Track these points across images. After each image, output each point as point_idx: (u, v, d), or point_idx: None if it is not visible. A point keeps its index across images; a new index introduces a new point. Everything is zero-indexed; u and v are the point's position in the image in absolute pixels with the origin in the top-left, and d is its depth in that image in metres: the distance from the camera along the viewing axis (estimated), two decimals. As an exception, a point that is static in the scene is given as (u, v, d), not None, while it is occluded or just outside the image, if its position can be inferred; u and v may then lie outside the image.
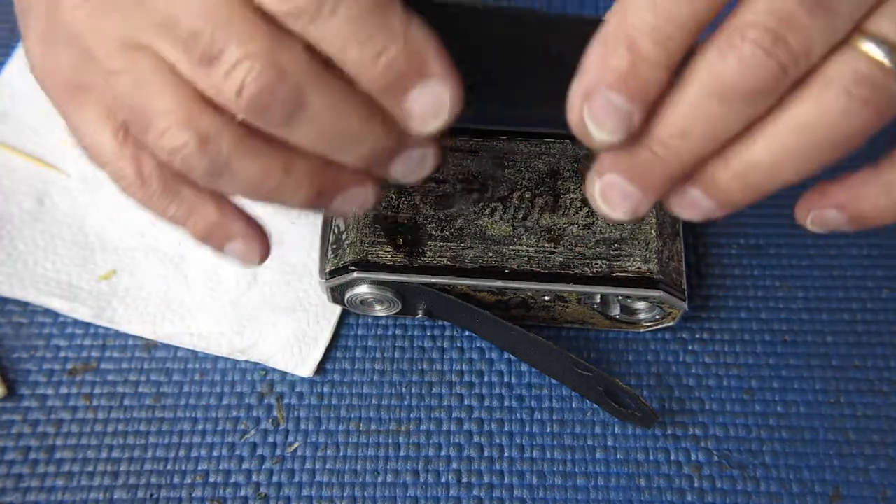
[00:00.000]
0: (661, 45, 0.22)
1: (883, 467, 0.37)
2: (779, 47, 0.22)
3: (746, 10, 0.22)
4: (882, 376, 0.39)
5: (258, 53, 0.24)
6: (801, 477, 0.37)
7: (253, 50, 0.24)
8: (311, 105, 0.25)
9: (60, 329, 0.40)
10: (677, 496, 0.36)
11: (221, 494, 0.36)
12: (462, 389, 0.39)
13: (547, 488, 0.36)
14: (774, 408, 0.38)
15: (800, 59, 0.22)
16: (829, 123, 0.23)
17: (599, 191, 0.26)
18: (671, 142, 0.24)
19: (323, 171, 0.28)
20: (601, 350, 0.39)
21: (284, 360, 0.39)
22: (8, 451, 0.37)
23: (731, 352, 0.39)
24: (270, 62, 0.24)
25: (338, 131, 0.26)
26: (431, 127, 0.26)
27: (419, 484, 0.37)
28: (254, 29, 0.25)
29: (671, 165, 0.24)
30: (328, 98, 0.25)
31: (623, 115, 0.23)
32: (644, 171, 0.25)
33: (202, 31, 0.25)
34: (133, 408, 0.38)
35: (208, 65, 0.25)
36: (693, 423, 0.38)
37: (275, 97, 0.25)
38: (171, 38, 0.25)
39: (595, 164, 0.26)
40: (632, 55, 0.22)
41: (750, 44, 0.22)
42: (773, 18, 0.22)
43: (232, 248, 0.31)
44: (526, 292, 0.36)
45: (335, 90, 0.25)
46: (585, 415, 0.38)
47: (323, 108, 0.25)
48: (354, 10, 0.24)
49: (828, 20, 0.22)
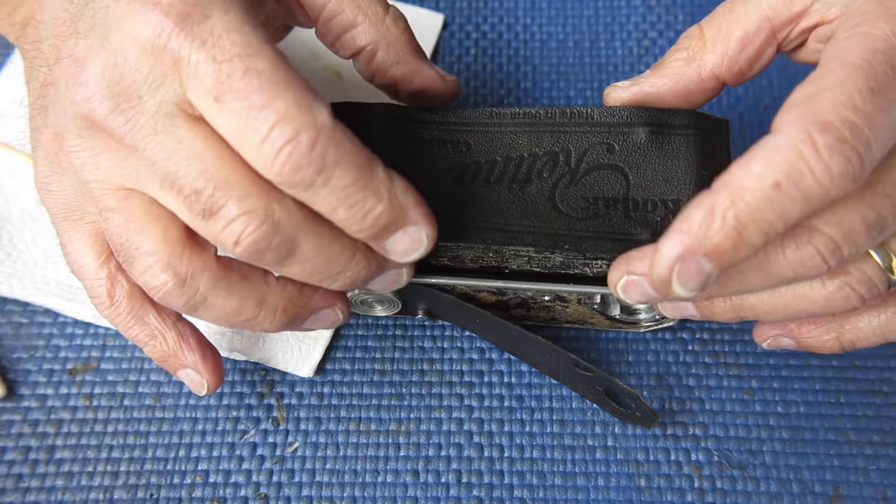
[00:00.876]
0: (765, 237, 0.25)
1: (883, 467, 0.37)
2: (834, 257, 0.25)
3: (820, 220, 0.25)
4: (882, 376, 0.38)
5: (255, 210, 0.27)
6: (802, 477, 0.37)
7: (250, 207, 0.27)
8: (302, 250, 0.28)
9: (60, 329, 0.40)
10: (677, 496, 0.36)
11: (221, 494, 0.36)
12: (462, 389, 0.39)
13: (547, 488, 0.36)
14: (774, 408, 0.38)
15: (843, 264, 0.26)
16: (825, 302, 0.27)
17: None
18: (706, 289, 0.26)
19: (295, 301, 0.31)
20: (601, 350, 0.39)
21: (284, 360, 0.39)
22: (8, 451, 0.37)
23: (731, 352, 0.39)
24: (266, 217, 0.27)
25: (325, 268, 0.29)
26: (410, 259, 0.29)
27: (419, 484, 0.37)
28: (251, 188, 0.27)
29: (694, 299, 0.28)
30: (317, 242, 0.28)
31: (706, 278, 0.25)
32: (667, 286, 0.26)
33: (202, 190, 0.27)
34: (133, 408, 0.38)
35: (208, 218, 0.27)
36: (693, 423, 0.38)
37: (269, 246, 0.27)
38: (171, 192, 0.28)
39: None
40: (737, 237, 0.24)
41: (812, 249, 0.25)
42: (839, 232, 0.25)
43: (183, 376, 0.34)
44: (526, 292, 0.36)
45: (324, 235, 0.28)
46: (585, 415, 0.38)
47: (312, 251, 0.28)
48: (344, 180, 0.26)
49: (874, 240, 0.26)
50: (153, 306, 0.33)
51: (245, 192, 0.27)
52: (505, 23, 0.48)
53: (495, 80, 0.46)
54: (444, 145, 0.33)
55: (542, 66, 0.47)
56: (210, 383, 0.34)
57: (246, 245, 0.27)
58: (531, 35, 0.47)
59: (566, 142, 0.33)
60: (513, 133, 0.33)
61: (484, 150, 0.33)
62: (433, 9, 0.48)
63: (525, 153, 0.33)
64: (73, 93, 0.29)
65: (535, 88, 0.46)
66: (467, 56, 0.47)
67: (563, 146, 0.33)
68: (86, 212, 0.31)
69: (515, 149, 0.33)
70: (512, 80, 0.46)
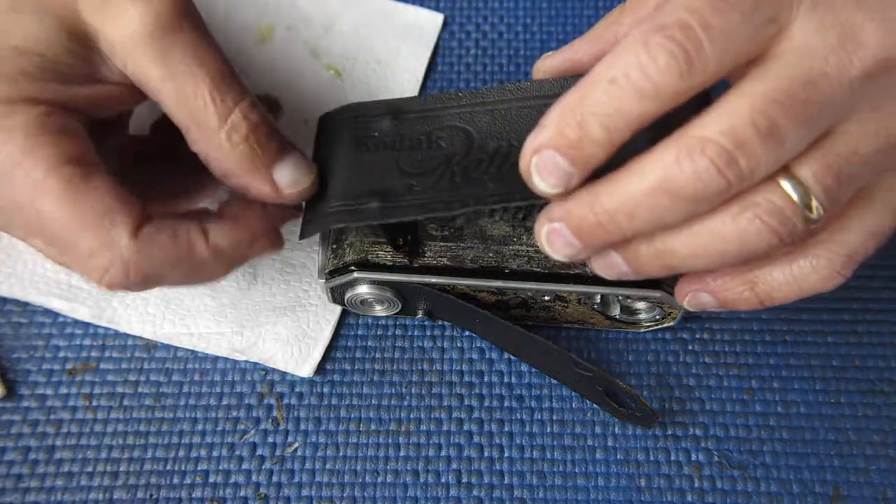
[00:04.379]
0: (606, 132, 0.26)
1: (884, 467, 0.37)
2: (731, 168, 0.25)
3: (707, 125, 0.25)
4: (882, 376, 0.38)
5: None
6: (802, 477, 0.36)
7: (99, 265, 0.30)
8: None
9: (60, 329, 0.40)
10: (677, 496, 0.36)
11: (221, 494, 0.36)
12: (462, 389, 0.39)
13: (547, 488, 0.36)
14: (775, 408, 0.38)
15: (744, 180, 0.25)
16: (739, 238, 0.27)
17: (546, 233, 0.29)
18: (617, 217, 0.27)
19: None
20: (601, 350, 0.39)
21: (284, 361, 0.39)
22: (7, 452, 0.37)
23: (732, 352, 0.39)
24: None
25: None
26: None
27: (419, 484, 0.37)
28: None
29: (612, 235, 0.28)
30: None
31: (564, 175, 0.27)
32: (588, 232, 0.28)
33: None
34: (133, 408, 0.38)
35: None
36: (693, 423, 0.38)
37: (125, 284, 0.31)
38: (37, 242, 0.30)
39: (546, 209, 0.29)
40: (581, 132, 0.26)
41: (706, 160, 0.25)
42: (731, 141, 0.25)
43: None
44: (526, 292, 0.36)
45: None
46: (585, 415, 0.38)
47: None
48: (174, 277, 0.31)
49: (774, 153, 0.25)
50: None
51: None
52: (505, 23, 0.48)
53: (495, 80, 0.46)
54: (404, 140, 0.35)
55: (542, 65, 0.47)
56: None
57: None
58: (531, 35, 0.47)
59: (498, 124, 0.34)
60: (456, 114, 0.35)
61: (417, 131, 0.35)
62: (433, 9, 0.48)
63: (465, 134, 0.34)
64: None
65: (535, 88, 0.46)
66: (467, 56, 0.47)
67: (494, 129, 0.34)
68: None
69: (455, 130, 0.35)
70: (512, 80, 0.46)
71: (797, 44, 0.26)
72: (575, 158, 0.26)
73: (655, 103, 0.25)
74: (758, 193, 0.26)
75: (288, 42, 0.46)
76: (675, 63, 0.25)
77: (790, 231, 0.27)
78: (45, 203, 0.28)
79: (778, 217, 0.26)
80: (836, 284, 0.30)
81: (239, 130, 0.31)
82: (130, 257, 0.29)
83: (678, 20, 0.25)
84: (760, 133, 0.25)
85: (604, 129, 0.26)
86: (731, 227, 0.27)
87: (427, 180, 0.33)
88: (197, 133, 0.31)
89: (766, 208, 0.26)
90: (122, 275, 0.29)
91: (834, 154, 0.26)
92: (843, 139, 0.26)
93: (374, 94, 0.45)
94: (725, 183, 0.25)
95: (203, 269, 0.31)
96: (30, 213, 0.28)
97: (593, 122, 0.26)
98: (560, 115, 0.26)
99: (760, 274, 0.31)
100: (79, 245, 0.28)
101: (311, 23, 0.47)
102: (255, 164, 0.32)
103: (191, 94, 0.30)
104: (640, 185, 0.26)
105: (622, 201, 0.27)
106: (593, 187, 0.27)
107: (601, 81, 0.26)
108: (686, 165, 0.25)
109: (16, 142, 0.28)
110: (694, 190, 0.25)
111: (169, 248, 0.30)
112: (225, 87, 0.31)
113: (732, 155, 0.25)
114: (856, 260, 0.30)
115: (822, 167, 0.26)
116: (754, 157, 0.25)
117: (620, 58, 0.25)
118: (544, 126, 0.27)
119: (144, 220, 0.30)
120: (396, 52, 0.46)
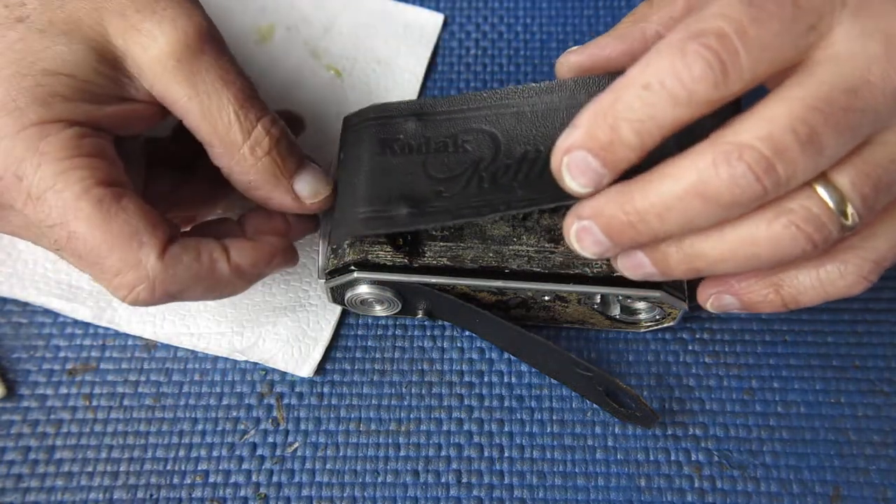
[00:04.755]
0: (639, 136, 0.26)
1: (884, 467, 0.37)
2: (768, 174, 0.25)
3: (745, 130, 0.25)
4: (882, 376, 0.38)
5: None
6: (802, 477, 0.36)
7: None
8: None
9: (60, 329, 0.40)
10: (677, 496, 0.36)
11: (221, 494, 0.36)
12: (462, 389, 0.39)
13: (547, 488, 0.36)
14: (775, 408, 0.38)
15: (780, 186, 0.25)
16: (773, 244, 0.27)
17: (575, 231, 0.29)
18: (649, 218, 0.27)
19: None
20: (601, 350, 0.39)
21: (284, 361, 0.39)
22: (8, 451, 0.37)
23: (732, 352, 0.39)
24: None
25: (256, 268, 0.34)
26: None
27: (419, 484, 0.37)
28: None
29: (642, 235, 0.28)
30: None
31: (595, 175, 0.27)
32: (618, 231, 0.28)
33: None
34: (133, 408, 0.38)
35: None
36: (693, 423, 0.38)
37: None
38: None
39: (576, 207, 0.29)
40: (613, 135, 0.26)
41: (744, 165, 0.25)
42: (770, 147, 0.24)
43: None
44: (526, 292, 0.36)
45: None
46: (585, 415, 0.38)
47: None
48: (196, 292, 0.32)
49: (812, 160, 0.25)
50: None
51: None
52: (505, 23, 0.48)
53: (495, 80, 0.46)
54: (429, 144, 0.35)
55: (542, 66, 0.47)
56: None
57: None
58: (531, 35, 0.47)
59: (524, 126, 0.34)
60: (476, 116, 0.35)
61: (442, 132, 0.35)
62: (433, 9, 0.48)
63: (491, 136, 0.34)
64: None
65: (536, 88, 0.46)
66: (467, 56, 0.47)
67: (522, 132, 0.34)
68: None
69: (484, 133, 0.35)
70: (512, 80, 0.46)
71: (839, 51, 0.25)
72: (606, 160, 0.27)
73: (689, 110, 0.25)
74: (794, 200, 0.26)
75: (288, 42, 0.46)
76: (711, 72, 0.25)
77: (825, 238, 0.26)
78: (77, 225, 0.29)
79: (814, 224, 0.26)
80: (862, 290, 0.30)
81: (262, 145, 0.32)
82: (157, 276, 0.30)
83: (715, 28, 0.25)
84: (800, 140, 0.24)
85: (636, 134, 0.26)
86: (766, 232, 0.26)
87: (455, 185, 0.33)
88: (221, 148, 0.32)
89: (802, 215, 0.26)
90: (149, 293, 0.30)
91: (874, 163, 0.26)
92: (883, 148, 0.26)
93: (374, 94, 0.45)
94: (762, 189, 0.25)
95: (224, 286, 0.33)
96: (60, 232, 0.29)
97: (625, 127, 0.26)
98: (593, 116, 0.26)
99: (786, 277, 0.30)
100: (106, 264, 0.29)
101: (311, 23, 0.47)
102: (276, 177, 0.33)
103: (216, 112, 0.31)
104: (673, 187, 0.26)
105: (654, 203, 0.27)
106: (625, 187, 0.27)
107: (635, 86, 0.26)
108: (723, 170, 0.25)
109: (49, 164, 0.29)
110: (730, 195, 0.25)
111: (193, 268, 0.31)
112: (248, 105, 0.32)
113: (771, 161, 0.25)
114: (883, 266, 0.30)
115: (860, 175, 0.26)
116: (792, 164, 0.25)
117: (655, 63, 0.25)
118: (576, 126, 0.27)
119: (170, 240, 0.31)
120: (396, 53, 0.46)
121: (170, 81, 0.31)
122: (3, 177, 0.29)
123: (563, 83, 0.34)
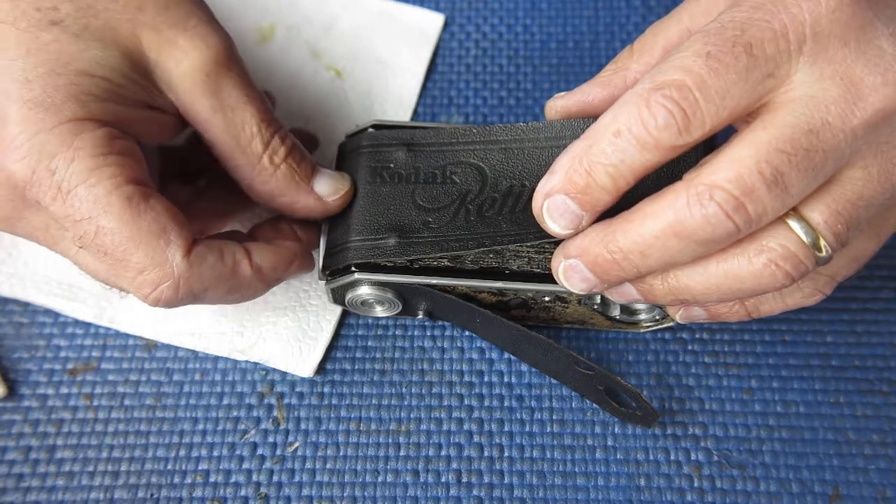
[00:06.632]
0: (612, 180, 0.28)
1: (883, 467, 0.37)
2: (738, 213, 0.26)
3: (715, 172, 0.26)
4: (882, 376, 0.39)
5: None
6: (801, 477, 0.37)
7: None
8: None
9: (61, 329, 0.40)
10: (677, 496, 0.36)
11: (222, 494, 0.36)
12: (462, 389, 0.39)
13: (547, 488, 0.36)
14: (774, 408, 0.38)
15: (752, 224, 0.27)
16: (753, 279, 0.28)
17: (563, 269, 0.31)
18: (631, 256, 0.28)
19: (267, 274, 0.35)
20: (601, 350, 0.39)
21: (285, 360, 0.39)
22: (8, 451, 0.37)
23: (731, 352, 0.39)
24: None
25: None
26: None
27: (419, 484, 0.37)
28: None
29: (627, 272, 0.29)
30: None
31: (574, 217, 0.29)
32: (604, 269, 0.30)
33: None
34: (133, 408, 0.38)
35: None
36: (693, 422, 0.38)
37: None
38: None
39: (562, 246, 0.31)
40: (589, 179, 0.28)
41: (714, 205, 0.26)
42: (738, 188, 0.26)
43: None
44: (526, 293, 0.36)
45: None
46: (585, 415, 0.38)
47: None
48: (218, 292, 0.33)
49: (779, 199, 0.26)
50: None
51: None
52: (505, 23, 0.48)
53: (495, 80, 0.46)
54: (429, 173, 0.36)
55: (542, 66, 0.47)
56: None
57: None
58: (531, 35, 0.48)
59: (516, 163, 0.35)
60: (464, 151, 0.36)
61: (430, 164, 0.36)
62: (433, 9, 0.48)
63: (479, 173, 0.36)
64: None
65: (536, 89, 0.46)
66: (467, 56, 0.47)
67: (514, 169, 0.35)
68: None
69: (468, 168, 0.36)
70: (512, 80, 0.46)
71: (799, 94, 0.27)
72: (584, 203, 0.29)
73: (657, 155, 0.27)
74: (771, 237, 0.28)
75: (288, 42, 0.47)
76: (674, 121, 0.26)
77: (802, 273, 0.28)
78: (107, 220, 0.30)
79: (792, 262, 0.28)
80: (817, 301, 0.33)
81: (278, 153, 0.34)
82: (182, 275, 0.31)
83: (675, 81, 0.26)
84: (765, 180, 0.26)
85: (609, 177, 0.28)
86: (748, 269, 0.28)
87: (443, 216, 0.35)
88: (243, 160, 0.34)
89: (780, 254, 0.27)
90: (173, 291, 0.31)
91: (844, 201, 0.27)
92: (850, 186, 0.28)
93: (374, 94, 0.45)
94: (734, 227, 0.26)
95: (245, 287, 0.34)
96: (88, 227, 0.30)
97: (600, 171, 0.28)
98: (569, 161, 0.28)
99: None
100: (132, 260, 0.30)
101: (311, 23, 0.47)
102: (296, 181, 0.35)
103: (240, 125, 0.33)
104: (652, 227, 0.27)
105: (635, 241, 0.28)
106: (609, 227, 0.29)
107: (607, 133, 0.27)
108: (696, 210, 0.26)
109: (83, 160, 0.29)
110: (704, 233, 0.27)
111: (217, 268, 0.32)
112: (269, 120, 0.34)
113: (740, 201, 0.26)
114: (837, 280, 0.32)
115: (832, 214, 0.27)
116: (761, 202, 0.26)
117: (624, 111, 0.27)
118: (555, 172, 0.29)
119: (195, 240, 0.32)
120: (397, 53, 0.46)
121: (198, 94, 0.32)
122: (36, 170, 0.29)
123: (550, 124, 0.35)
